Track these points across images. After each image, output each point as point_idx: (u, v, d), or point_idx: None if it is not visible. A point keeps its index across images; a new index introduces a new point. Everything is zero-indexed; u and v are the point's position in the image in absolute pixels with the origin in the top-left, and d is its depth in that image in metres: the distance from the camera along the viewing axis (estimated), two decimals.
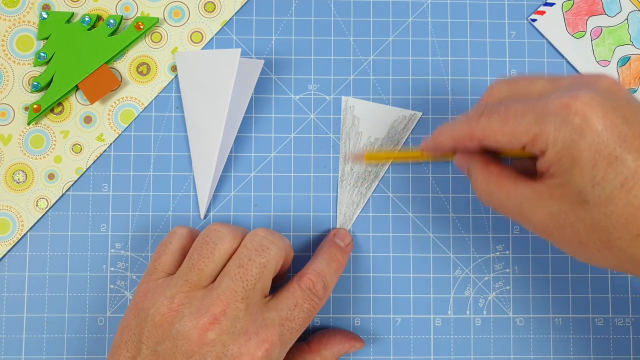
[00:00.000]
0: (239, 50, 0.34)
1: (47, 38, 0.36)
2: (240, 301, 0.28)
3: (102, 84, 0.36)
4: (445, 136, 0.29)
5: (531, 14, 0.37)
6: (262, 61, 0.37)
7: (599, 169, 0.23)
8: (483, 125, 0.26)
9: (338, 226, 0.36)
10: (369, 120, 0.36)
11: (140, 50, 0.37)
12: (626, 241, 0.24)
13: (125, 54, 0.37)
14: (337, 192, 0.36)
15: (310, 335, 0.34)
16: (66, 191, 0.36)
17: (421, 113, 0.37)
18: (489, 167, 0.28)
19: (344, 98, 0.36)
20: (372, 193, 0.36)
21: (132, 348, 0.28)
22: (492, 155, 0.29)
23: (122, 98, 0.37)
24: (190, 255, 0.29)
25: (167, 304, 0.28)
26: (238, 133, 0.37)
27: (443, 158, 0.35)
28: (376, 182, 0.36)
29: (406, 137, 0.36)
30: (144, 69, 0.37)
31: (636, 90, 0.37)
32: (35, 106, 0.36)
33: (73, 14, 0.37)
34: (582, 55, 0.37)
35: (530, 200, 0.26)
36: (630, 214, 0.23)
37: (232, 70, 0.33)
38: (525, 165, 0.29)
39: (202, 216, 0.36)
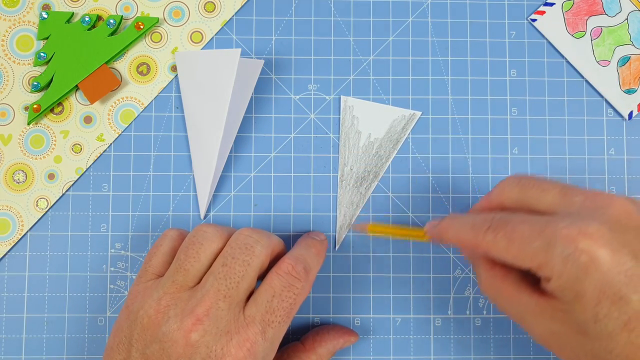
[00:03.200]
0: (239, 50, 0.34)
1: (47, 38, 0.36)
2: (222, 300, 0.27)
3: (102, 84, 0.36)
4: (451, 234, 0.29)
5: (531, 14, 0.37)
6: (262, 61, 0.37)
7: (602, 307, 0.23)
8: (488, 240, 0.26)
9: (338, 226, 0.36)
10: (368, 119, 0.36)
11: (140, 50, 0.37)
12: None
13: (125, 54, 0.37)
14: (337, 192, 0.36)
15: (305, 334, 0.34)
16: (66, 191, 0.36)
17: (420, 112, 0.37)
18: (493, 269, 0.28)
19: (343, 98, 0.36)
20: (372, 193, 0.36)
21: (123, 350, 0.28)
22: None
23: (122, 98, 0.37)
24: (178, 256, 0.29)
25: (154, 305, 0.28)
26: (238, 133, 0.37)
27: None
28: (376, 182, 0.36)
29: (405, 136, 0.36)
30: (144, 69, 0.37)
31: (636, 91, 0.37)
32: (35, 106, 0.36)
33: (73, 14, 0.37)
34: (582, 55, 0.37)
35: (532, 313, 0.26)
36: (632, 352, 0.23)
37: (232, 70, 0.33)
38: None
39: (202, 216, 0.36)
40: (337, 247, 0.36)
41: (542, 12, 0.37)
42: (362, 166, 0.36)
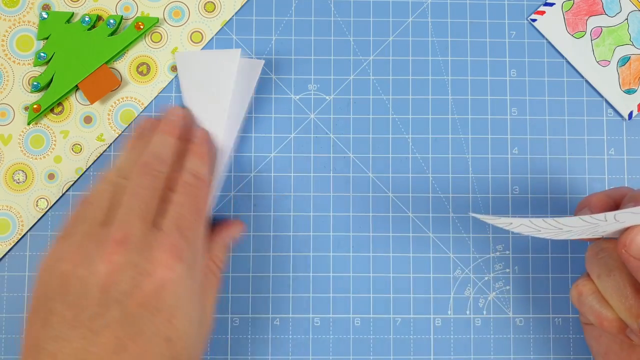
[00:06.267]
0: (239, 50, 0.34)
1: (47, 38, 0.36)
2: (138, 221, 0.27)
3: (102, 84, 0.36)
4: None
5: (531, 14, 0.37)
6: (263, 61, 0.37)
7: None
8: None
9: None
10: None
11: (140, 50, 0.37)
12: None
13: (125, 54, 0.37)
14: (336, 192, 0.36)
15: None
16: (66, 191, 0.36)
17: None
18: None
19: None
20: (372, 193, 0.36)
21: (42, 311, 0.26)
22: None
23: (122, 98, 0.37)
24: (89, 199, 0.29)
25: (71, 249, 0.27)
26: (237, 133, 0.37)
27: None
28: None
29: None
30: (144, 69, 0.37)
31: (636, 91, 0.37)
32: (35, 106, 0.36)
33: (73, 14, 0.37)
34: (582, 55, 0.37)
35: None
36: None
37: (232, 70, 0.33)
38: None
39: None
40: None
41: (542, 12, 0.37)
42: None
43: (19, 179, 0.36)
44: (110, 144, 0.36)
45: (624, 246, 0.26)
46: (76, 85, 0.36)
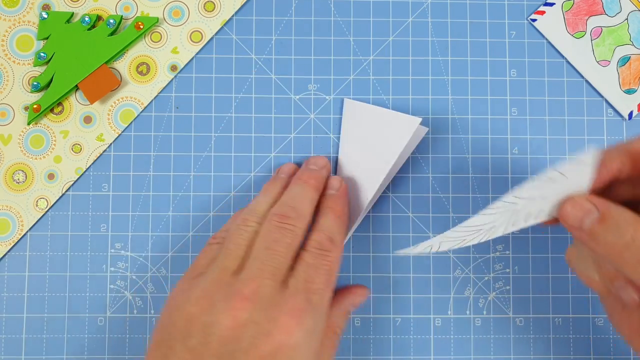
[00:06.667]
0: (420, 119, 0.33)
1: (47, 38, 0.36)
2: (268, 278, 0.27)
3: (102, 84, 0.36)
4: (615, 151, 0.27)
5: (531, 14, 0.37)
6: (427, 129, 0.35)
7: None
8: None
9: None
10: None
11: (140, 50, 0.37)
12: None
13: (125, 54, 0.37)
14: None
15: None
16: (66, 191, 0.36)
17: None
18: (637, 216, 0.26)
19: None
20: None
21: (163, 348, 0.27)
22: None
23: (122, 98, 0.37)
24: (226, 245, 0.30)
25: (199, 294, 0.27)
26: (237, 133, 0.37)
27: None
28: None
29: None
30: (143, 69, 0.37)
31: (636, 91, 0.37)
32: (35, 106, 0.36)
33: (73, 14, 0.37)
34: (582, 55, 0.37)
35: None
36: None
37: (406, 137, 0.33)
38: None
39: None
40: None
41: (542, 12, 0.37)
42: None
43: (19, 179, 0.36)
44: (110, 143, 0.36)
45: (563, 220, 0.27)
46: (76, 85, 0.36)
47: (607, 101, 0.37)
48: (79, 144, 0.36)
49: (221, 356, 0.26)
